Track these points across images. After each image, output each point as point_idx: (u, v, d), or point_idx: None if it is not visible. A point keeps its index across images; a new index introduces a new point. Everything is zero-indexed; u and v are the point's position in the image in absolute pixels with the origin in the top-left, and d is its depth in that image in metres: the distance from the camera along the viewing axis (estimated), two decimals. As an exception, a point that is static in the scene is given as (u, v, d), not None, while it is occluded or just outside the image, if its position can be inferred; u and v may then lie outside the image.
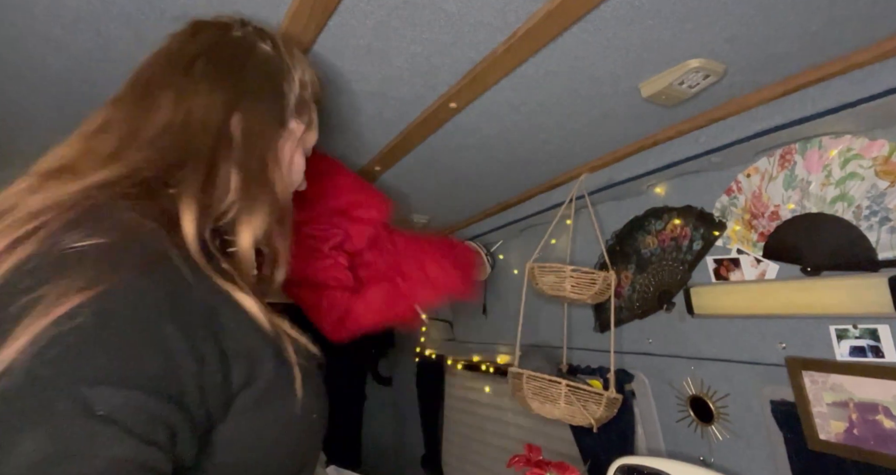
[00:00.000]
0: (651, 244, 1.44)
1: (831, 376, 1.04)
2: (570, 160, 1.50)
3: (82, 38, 0.94)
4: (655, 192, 1.43)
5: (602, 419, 1.39)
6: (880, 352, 0.98)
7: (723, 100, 1.14)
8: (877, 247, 0.98)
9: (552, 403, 1.40)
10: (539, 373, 1.44)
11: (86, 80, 1.08)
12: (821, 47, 0.94)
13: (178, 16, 0.87)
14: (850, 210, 1.02)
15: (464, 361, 2.36)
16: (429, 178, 1.66)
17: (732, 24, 0.88)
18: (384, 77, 1.06)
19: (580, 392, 1.38)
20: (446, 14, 0.86)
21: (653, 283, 1.43)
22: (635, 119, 1.24)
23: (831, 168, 1.05)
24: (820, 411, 1.07)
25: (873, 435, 1.00)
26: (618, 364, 1.50)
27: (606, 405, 1.37)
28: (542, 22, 0.85)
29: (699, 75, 1.01)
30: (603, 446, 1.53)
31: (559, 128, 1.28)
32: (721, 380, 1.27)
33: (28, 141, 1.40)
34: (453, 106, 1.15)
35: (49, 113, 1.23)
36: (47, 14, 0.87)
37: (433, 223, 2.20)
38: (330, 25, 0.90)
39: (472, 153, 1.45)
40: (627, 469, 1.33)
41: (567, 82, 1.07)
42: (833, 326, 1.04)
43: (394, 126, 1.29)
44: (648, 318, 1.44)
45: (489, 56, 0.97)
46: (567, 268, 1.46)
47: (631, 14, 0.86)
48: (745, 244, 1.20)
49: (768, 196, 1.16)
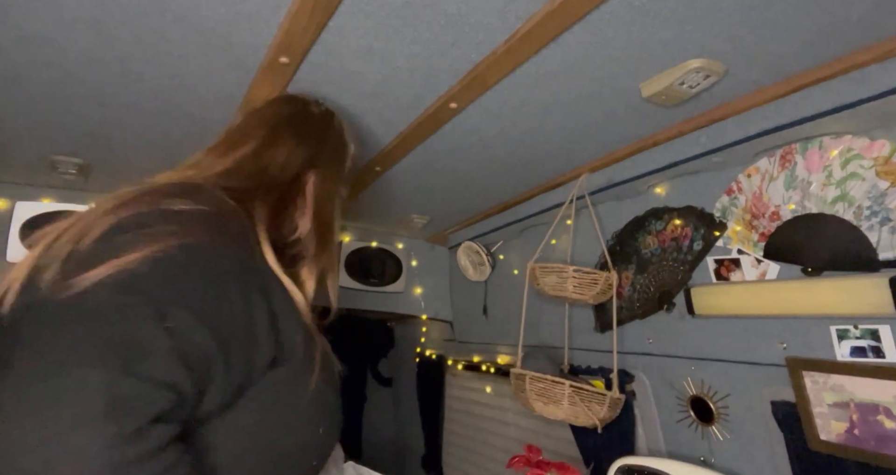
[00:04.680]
0: (651, 244, 1.44)
1: (832, 376, 1.04)
2: (571, 160, 1.50)
3: (82, 38, 0.94)
4: (656, 192, 1.43)
5: (606, 419, 1.39)
6: (881, 353, 0.98)
7: (723, 100, 1.14)
8: (877, 248, 0.98)
9: (556, 404, 1.40)
10: (542, 373, 1.44)
11: (86, 80, 1.08)
12: (821, 47, 0.94)
13: (179, 16, 0.87)
14: (851, 210, 1.02)
15: (464, 361, 2.35)
16: (429, 178, 1.66)
17: (733, 25, 0.88)
18: (384, 77, 1.06)
19: (583, 392, 1.38)
20: (446, 14, 0.86)
21: (653, 284, 1.43)
22: (635, 119, 1.24)
23: (832, 168, 1.05)
24: (820, 411, 1.07)
25: (874, 435, 1.00)
26: (618, 364, 1.50)
27: (610, 405, 1.37)
28: (542, 22, 0.85)
29: (699, 75, 1.01)
30: (603, 446, 1.53)
31: (559, 128, 1.28)
32: (721, 381, 1.27)
33: (29, 141, 1.41)
34: (453, 106, 1.15)
35: (49, 113, 1.23)
36: (47, 14, 0.87)
37: (433, 223, 2.20)
38: (330, 25, 0.90)
39: (473, 153, 1.45)
40: (628, 469, 1.33)
41: (567, 82, 1.07)
42: (834, 326, 1.04)
43: (394, 126, 1.29)
44: (649, 318, 1.44)
45: (489, 56, 0.97)
46: (569, 269, 1.46)
47: (631, 14, 0.86)
48: (746, 244, 1.20)
49: (769, 196, 1.16)
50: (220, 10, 0.86)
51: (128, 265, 0.53)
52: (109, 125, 1.30)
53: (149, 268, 0.54)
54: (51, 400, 0.45)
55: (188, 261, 0.57)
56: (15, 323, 0.54)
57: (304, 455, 0.68)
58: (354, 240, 2.29)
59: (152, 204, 0.62)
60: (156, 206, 0.62)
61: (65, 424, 0.44)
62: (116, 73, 1.05)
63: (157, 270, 0.55)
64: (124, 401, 0.47)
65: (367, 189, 1.73)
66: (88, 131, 1.33)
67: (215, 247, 0.61)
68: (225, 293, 0.58)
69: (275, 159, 0.83)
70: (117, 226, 0.58)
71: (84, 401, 0.46)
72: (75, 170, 1.56)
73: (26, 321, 0.53)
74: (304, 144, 0.88)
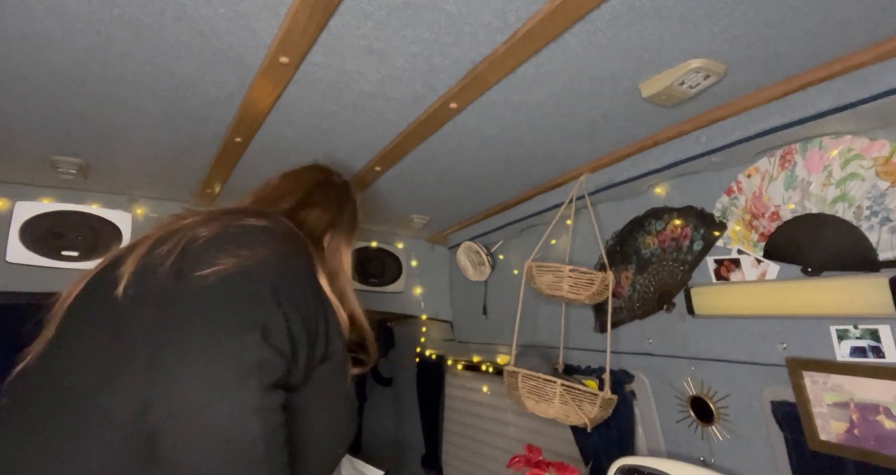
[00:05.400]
0: (651, 244, 1.44)
1: (832, 376, 1.04)
2: (570, 160, 1.50)
3: (82, 38, 0.94)
4: (656, 192, 1.43)
5: (597, 419, 1.38)
6: (881, 353, 0.98)
7: (723, 100, 1.14)
8: (877, 248, 0.98)
9: (547, 402, 1.40)
10: (534, 372, 1.44)
11: (86, 80, 1.08)
12: (821, 47, 0.94)
13: (178, 16, 0.87)
14: (851, 210, 1.02)
15: (464, 361, 2.35)
16: (429, 178, 1.66)
17: (733, 25, 0.88)
18: (384, 77, 1.06)
19: (575, 392, 1.37)
20: (446, 14, 0.86)
21: (653, 284, 1.43)
22: (635, 119, 1.24)
23: (832, 168, 1.05)
24: (820, 411, 1.07)
25: (874, 435, 1.00)
26: (618, 364, 1.50)
27: (601, 405, 1.37)
28: (542, 22, 0.85)
29: (699, 75, 1.01)
30: (603, 446, 1.53)
31: (559, 128, 1.28)
32: (721, 381, 1.27)
33: (29, 141, 1.40)
34: (453, 106, 1.15)
35: (49, 113, 1.23)
36: (47, 14, 0.87)
37: (433, 223, 2.20)
38: (330, 25, 0.90)
39: (472, 153, 1.45)
40: (628, 469, 1.33)
41: (567, 82, 1.07)
42: (834, 326, 1.04)
43: (394, 126, 1.29)
44: (649, 318, 1.44)
45: (489, 56, 0.97)
46: (565, 268, 1.46)
47: (631, 14, 0.85)
48: (746, 244, 1.20)
49: (769, 196, 1.16)
50: (219, 10, 0.86)
51: (246, 261, 0.69)
52: (109, 125, 1.30)
53: (261, 265, 0.70)
54: (213, 363, 0.59)
55: (284, 264, 0.73)
56: (143, 304, 0.69)
57: (335, 441, 0.82)
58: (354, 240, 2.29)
59: (240, 219, 0.78)
60: (244, 220, 0.78)
61: (230, 378, 0.59)
62: (116, 73, 1.05)
63: (268, 267, 0.71)
64: (266, 363, 0.62)
65: (367, 189, 1.73)
66: (88, 131, 1.33)
67: (297, 258, 0.78)
68: (307, 294, 0.74)
69: (307, 219, 1.04)
70: (223, 233, 0.74)
71: (243, 361, 0.61)
72: (75, 170, 1.56)
73: (167, 303, 0.66)
74: (329, 211, 1.09)
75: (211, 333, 0.61)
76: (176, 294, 0.66)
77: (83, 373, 0.67)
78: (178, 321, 0.63)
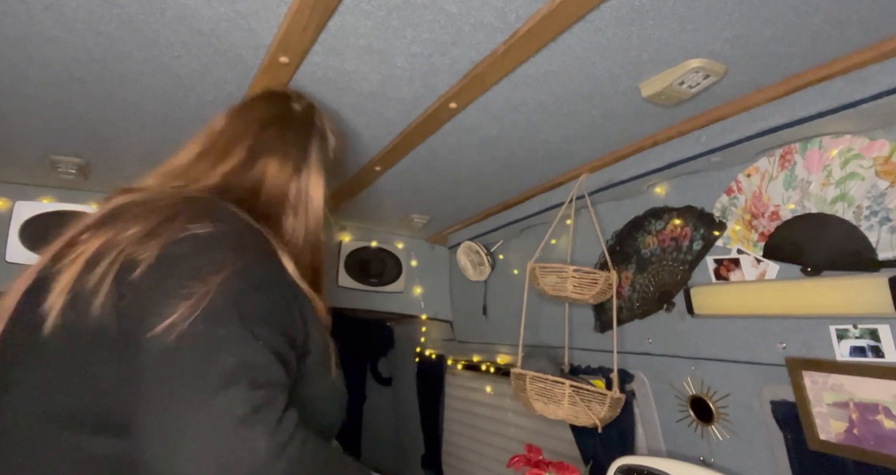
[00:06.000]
0: (651, 244, 1.44)
1: (831, 376, 1.04)
2: (570, 160, 1.50)
3: (82, 38, 0.94)
4: (655, 192, 1.43)
5: (607, 419, 1.39)
6: (880, 353, 0.98)
7: (723, 100, 1.14)
8: (877, 248, 0.98)
9: (556, 404, 1.40)
10: (542, 373, 1.44)
11: (86, 80, 1.08)
12: (821, 47, 0.94)
13: (178, 16, 0.87)
14: (851, 210, 1.02)
15: (464, 361, 2.35)
16: (429, 178, 1.66)
17: (733, 25, 0.88)
18: (384, 77, 1.06)
19: (584, 392, 1.38)
20: (446, 14, 0.86)
21: (653, 283, 1.43)
22: (635, 119, 1.24)
23: (831, 168, 1.05)
24: (820, 411, 1.07)
25: (873, 435, 1.00)
26: (618, 364, 1.50)
27: (611, 405, 1.37)
28: (542, 22, 0.85)
29: (699, 75, 1.01)
30: (603, 446, 1.53)
31: (559, 128, 1.28)
32: (721, 380, 1.27)
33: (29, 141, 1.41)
34: (453, 106, 1.15)
35: (49, 113, 1.23)
36: (47, 14, 0.87)
37: (433, 223, 2.20)
38: (330, 25, 0.90)
39: (472, 153, 1.45)
40: (627, 469, 1.33)
41: (567, 82, 1.07)
42: (833, 326, 1.04)
43: (394, 126, 1.29)
44: (648, 318, 1.44)
45: (489, 56, 0.97)
46: (569, 269, 1.46)
47: (631, 14, 0.86)
48: (746, 244, 1.20)
49: (768, 196, 1.16)
50: (219, 10, 0.86)
51: (202, 300, 0.60)
52: (109, 125, 1.30)
53: (220, 297, 0.61)
54: (202, 423, 0.54)
55: (245, 282, 0.65)
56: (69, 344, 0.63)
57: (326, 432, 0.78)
58: (354, 240, 2.29)
59: (182, 229, 0.66)
60: (186, 231, 0.66)
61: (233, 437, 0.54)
62: (116, 73, 1.05)
63: (229, 296, 0.61)
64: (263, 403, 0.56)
65: (367, 189, 1.73)
66: (88, 131, 1.33)
67: (258, 265, 0.69)
68: (278, 303, 0.68)
69: (265, 175, 0.86)
70: (164, 258, 0.63)
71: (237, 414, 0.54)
72: (75, 170, 1.56)
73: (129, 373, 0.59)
74: (290, 156, 0.90)
75: (193, 402, 0.55)
76: (136, 361, 0.58)
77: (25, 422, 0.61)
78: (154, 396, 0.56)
